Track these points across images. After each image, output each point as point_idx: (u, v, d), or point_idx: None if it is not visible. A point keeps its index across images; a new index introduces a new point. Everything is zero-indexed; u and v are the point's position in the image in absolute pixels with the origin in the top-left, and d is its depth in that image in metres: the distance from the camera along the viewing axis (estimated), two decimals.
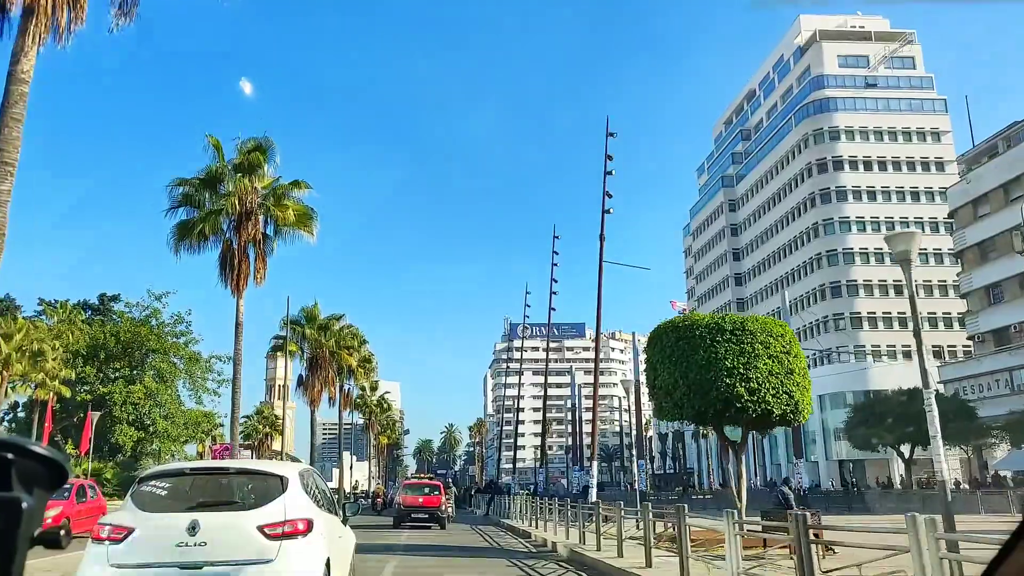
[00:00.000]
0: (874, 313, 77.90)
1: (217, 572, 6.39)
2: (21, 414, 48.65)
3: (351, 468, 68.20)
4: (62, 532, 1.00)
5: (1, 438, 0.91)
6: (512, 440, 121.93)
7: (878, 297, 78.04)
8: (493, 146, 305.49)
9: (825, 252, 79.90)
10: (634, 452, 44.45)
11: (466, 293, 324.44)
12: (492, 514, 36.34)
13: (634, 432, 62.39)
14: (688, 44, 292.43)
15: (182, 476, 7.40)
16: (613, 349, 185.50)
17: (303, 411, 66.28)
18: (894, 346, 77.10)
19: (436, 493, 28.33)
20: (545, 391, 46.19)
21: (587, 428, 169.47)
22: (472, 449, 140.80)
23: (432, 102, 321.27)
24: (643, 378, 19.02)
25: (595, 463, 27.62)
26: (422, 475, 53.20)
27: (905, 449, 49.31)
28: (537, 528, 23.85)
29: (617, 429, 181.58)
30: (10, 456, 0.89)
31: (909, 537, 6.66)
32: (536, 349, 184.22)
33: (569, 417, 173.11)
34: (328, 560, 7.16)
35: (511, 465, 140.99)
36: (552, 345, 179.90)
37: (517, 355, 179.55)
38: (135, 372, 47.96)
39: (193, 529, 6.44)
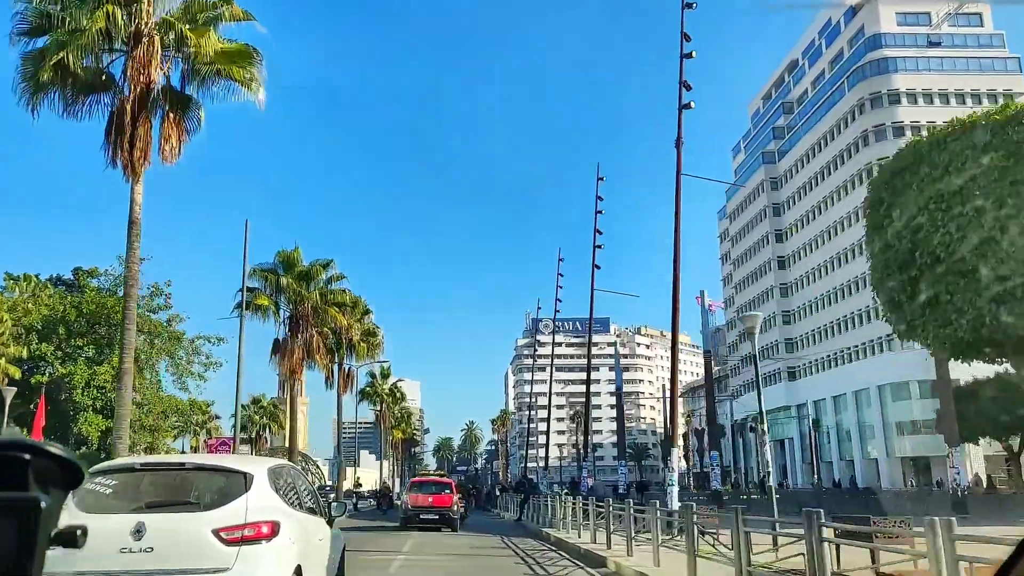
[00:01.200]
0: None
1: None
2: None
3: (355, 466, 60.83)
4: (78, 532, 1.00)
5: (18, 439, 0.91)
6: (538, 437, 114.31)
7: None
8: (507, 142, 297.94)
9: None
10: (705, 443, 36.51)
11: (486, 290, 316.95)
12: (527, 519, 28.73)
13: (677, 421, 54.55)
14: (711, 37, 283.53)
15: (131, 472, 6.54)
16: (639, 345, 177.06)
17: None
18: None
19: (447, 492, 25.76)
20: (588, 374, 38.57)
21: (610, 423, 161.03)
22: (493, 447, 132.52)
23: (454, 91, 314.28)
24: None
25: (676, 452, 19.73)
26: (430, 472, 46.24)
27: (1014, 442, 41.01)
28: (604, 545, 16.06)
29: (643, 427, 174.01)
30: (27, 457, 0.89)
31: None
32: (559, 345, 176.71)
33: (595, 414, 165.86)
34: (299, 568, 6.28)
35: (534, 464, 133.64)
36: (575, 341, 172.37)
37: (540, 351, 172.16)
38: (103, 353, 40.53)
39: (139, 533, 5.64)
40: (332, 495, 35.23)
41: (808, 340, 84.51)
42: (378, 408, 61.56)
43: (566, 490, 31.67)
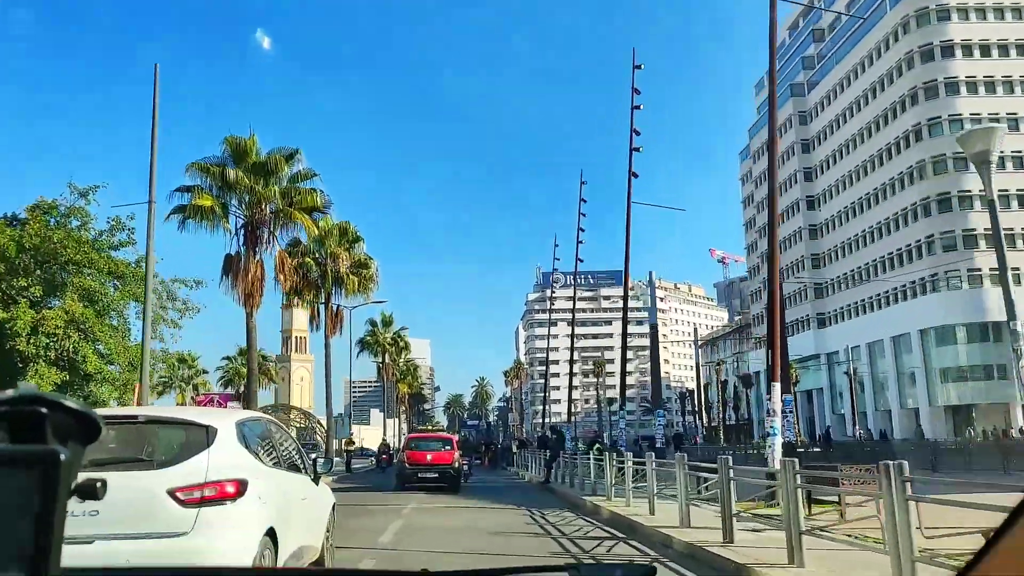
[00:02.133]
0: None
1: (110, 550, 4.74)
2: None
3: (363, 425, 55.56)
4: (98, 484, 1.00)
5: (34, 393, 0.91)
6: (549, 393, 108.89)
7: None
8: (522, 92, 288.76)
9: (930, 159, 64.74)
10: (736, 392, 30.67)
11: (494, 244, 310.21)
12: (557, 481, 22.97)
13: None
14: None
15: None
16: (629, 311, 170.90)
17: (323, 361, 52.10)
18: (1018, 269, 62.16)
19: (448, 448, 23.82)
20: (625, 315, 33.00)
21: (627, 374, 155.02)
22: (505, 403, 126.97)
23: (456, 48, 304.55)
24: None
25: (777, 389, 13.83)
26: (430, 428, 41.56)
27: None
28: (695, 528, 10.32)
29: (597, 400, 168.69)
30: (43, 411, 0.89)
31: None
32: (571, 298, 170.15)
33: (609, 369, 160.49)
34: (272, 530, 5.59)
35: (547, 420, 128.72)
36: (587, 294, 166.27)
37: (550, 304, 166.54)
38: (53, 297, 34.70)
39: None
40: (316, 454, 29.87)
41: (839, 285, 78.33)
42: (380, 360, 55.97)
43: (598, 445, 26.13)
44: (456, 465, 23.05)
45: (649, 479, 13.52)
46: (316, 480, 7.52)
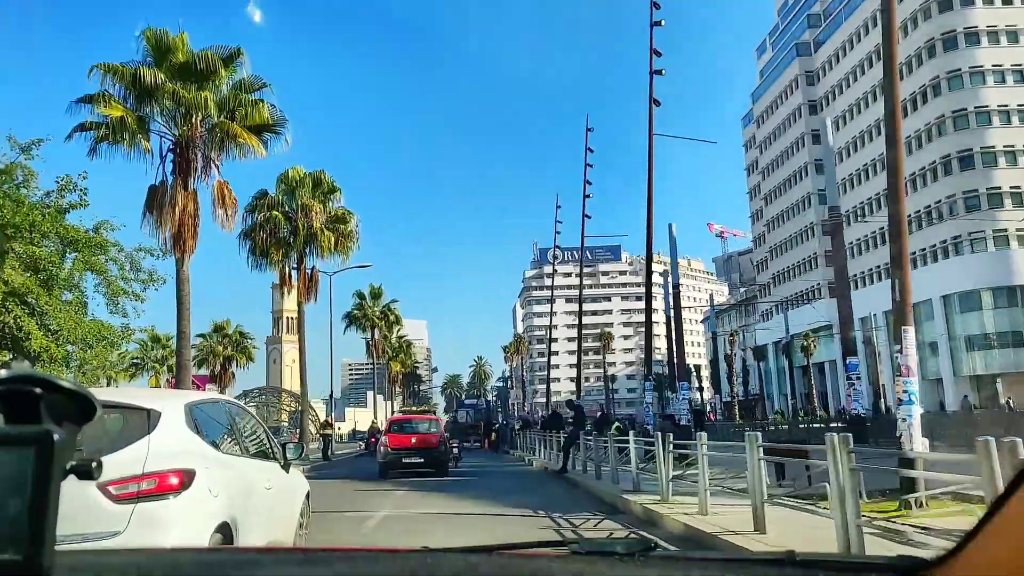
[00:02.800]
0: (1019, 188, 58.72)
1: None
2: None
3: (359, 407, 51.46)
4: (94, 464, 0.98)
5: (29, 373, 0.90)
6: (550, 371, 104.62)
7: None
8: (519, 57, 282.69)
9: (950, 114, 60.49)
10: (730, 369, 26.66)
11: (490, 223, 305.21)
12: (575, 469, 18.53)
13: None
14: None
15: None
16: (652, 273, 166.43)
17: (317, 347, 49.04)
18: None
19: (433, 430, 22.28)
20: (648, 262, 28.94)
21: (624, 355, 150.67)
22: (503, 383, 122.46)
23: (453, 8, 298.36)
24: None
25: (910, 341, 9.72)
26: (413, 408, 37.61)
27: None
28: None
29: (659, 357, 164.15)
30: (38, 391, 0.89)
31: None
32: (569, 275, 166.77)
33: (612, 345, 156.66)
34: (227, 525, 4.95)
35: (543, 400, 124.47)
36: (586, 270, 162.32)
37: (548, 281, 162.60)
38: None
39: None
40: (283, 439, 25.88)
41: (854, 250, 74.19)
42: (369, 335, 51.67)
43: (617, 424, 22.04)
44: (443, 448, 21.60)
45: (701, 470, 9.48)
46: (286, 467, 6.91)
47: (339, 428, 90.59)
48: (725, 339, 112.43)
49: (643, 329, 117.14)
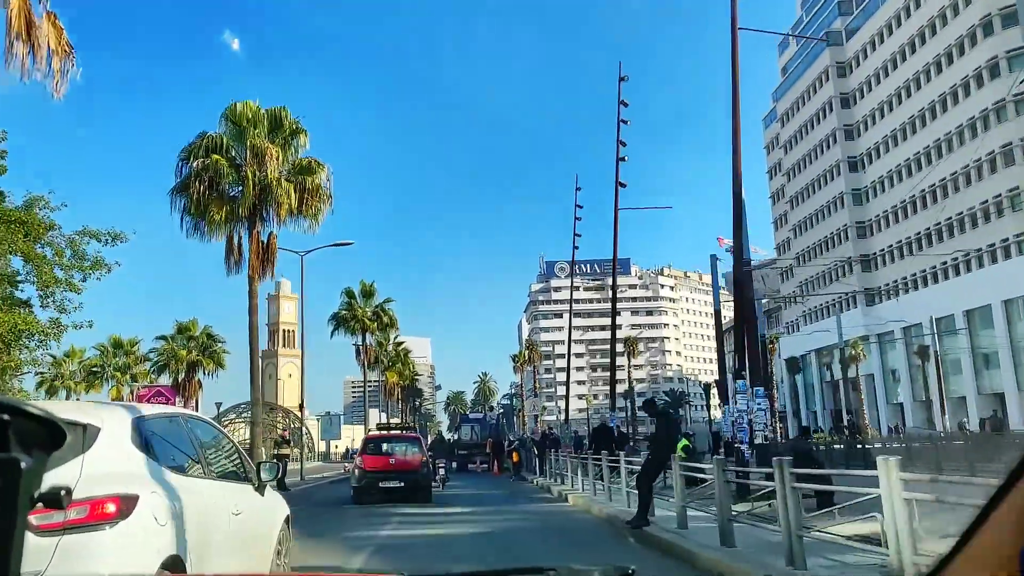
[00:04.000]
0: None
1: None
2: None
3: (334, 420, 44.33)
4: (63, 492, 0.96)
5: None
6: (556, 388, 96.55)
7: None
8: (514, 81, 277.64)
9: (1011, 97, 53.62)
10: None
11: (494, 240, 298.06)
12: (673, 525, 11.34)
13: None
14: None
15: None
16: (663, 287, 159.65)
17: (327, 358, 41.73)
18: None
19: (415, 450, 19.22)
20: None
21: (634, 371, 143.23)
22: (509, 400, 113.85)
23: (453, 36, 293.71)
24: None
25: None
26: (390, 426, 31.14)
27: None
28: None
29: (669, 375, 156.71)
30: (5, 417, 0.85)
31: None
32: (577, 288, 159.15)
33: (618, 361, 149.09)
34: (178, 559, 4.18)
35: (552, 417, 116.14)
36: (593, 284, 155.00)
37: (555, 296, 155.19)
38: None
39: None
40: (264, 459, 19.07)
41: (894, 254, 67.35)
42: (359, 340, 44.41)
43: (686, 443, 15.13)
44: (425, 471, 19.16)
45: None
46: (260, 489, 6.03)
47: (336, 447, 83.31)
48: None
49: (655, 344, 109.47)
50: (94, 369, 42.13)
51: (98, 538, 3.78)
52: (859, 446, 27.92)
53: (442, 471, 23.87)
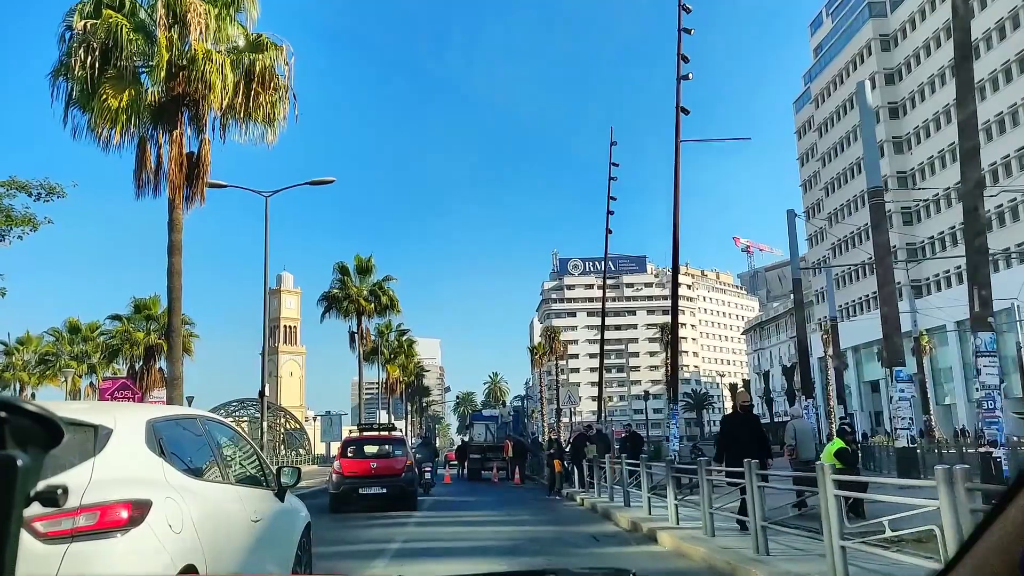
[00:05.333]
0: None
1: None
2: None
3: (335, 420, 38.13)
4: (59, 491, 0.97)
5: None
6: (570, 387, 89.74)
7: None
8: (536, 66, 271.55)
9: None
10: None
11: (503, 236, 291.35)
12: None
13: None
14: None
15: None
16: (680, 285, 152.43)
17: (317, 357, 35.03)
18: None
19: (398, 453, 17.89)
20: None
21: (649, 372, 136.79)
22: (521, 401, 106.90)
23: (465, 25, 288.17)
24: None
25: None
26: (372, 426, 25.43)
27: None
28: None
29: (686, 376, 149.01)
30: (3, 415, 0.85)
31: None
32: (591, 287, 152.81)
33: (633, 363, 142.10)
34: (193, 568, 3.88)
35: (565, 419, 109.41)
36: (609, 282, 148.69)
37: (568, 294, 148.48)
38: None
39: None
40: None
41: (945, 241, 60.70)
42: (355, 324, 37.77)
43: (845, 445, 8.89)
44: (409, 475, 17.52)
45: None
46: (281, 495, 5.74)
47: (337, 449, 77.07)
48: (765, 354, 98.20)
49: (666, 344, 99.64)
50: (47, 358, 36.00)
51: (109, 546, 3.56)
52: None
53: (428, 475, 23.01)
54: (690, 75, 20.68)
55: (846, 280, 73.56)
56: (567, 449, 22.11)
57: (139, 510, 3.66)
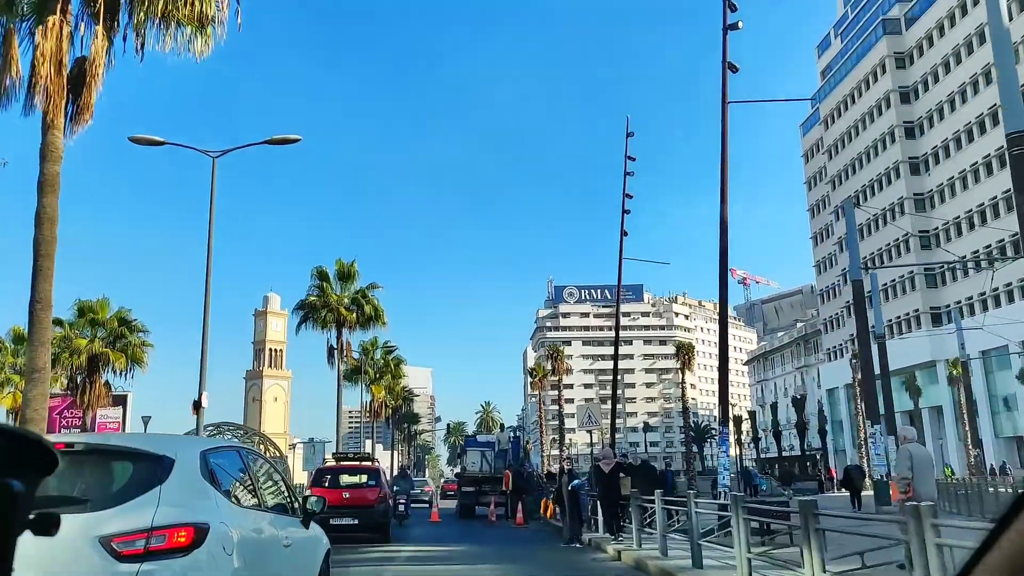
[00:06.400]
0: None
1: None
2: None
3: (318, 448, 33.63)
4: (54, 519, 0.96)
5: None
6: (564, 421, 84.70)
7: None
8: (520, 95, 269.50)
9: None
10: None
11: (497, 263, 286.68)
12: None
13: None
14: None
15: None
16: (677, 315, 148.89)
17: (305, 383, 28.01)
18: None
19: (372, 483, 17.52)
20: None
21: (645, 404, 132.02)
22: (514, 433, 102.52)
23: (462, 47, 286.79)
24: None
25: None
26: (346, 456, 21.49)
27: None
28: None
29: (682, 408, 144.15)
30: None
31: None
32: (587, 315, 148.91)
33: (628, 394, 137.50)
34: None
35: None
36: (605, 311, 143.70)
37: (563, 322, 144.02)
38: None
39: None
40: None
41: (967, 269, 56.94)
42: (334, 336, 33.22)
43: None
44: (382, 507, 17.21)
45: None
46: (306, 522, 5.98)
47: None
48: (769, 385, 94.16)
49: (668, 376, 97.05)
50: None
51: (175, 565, 3.92)
52: None
53: (402, 507, 23.08)
54: (739, 23, 16.78)
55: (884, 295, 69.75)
56: (586, 483, 17.84)
57: (200, 533, 4.04)
